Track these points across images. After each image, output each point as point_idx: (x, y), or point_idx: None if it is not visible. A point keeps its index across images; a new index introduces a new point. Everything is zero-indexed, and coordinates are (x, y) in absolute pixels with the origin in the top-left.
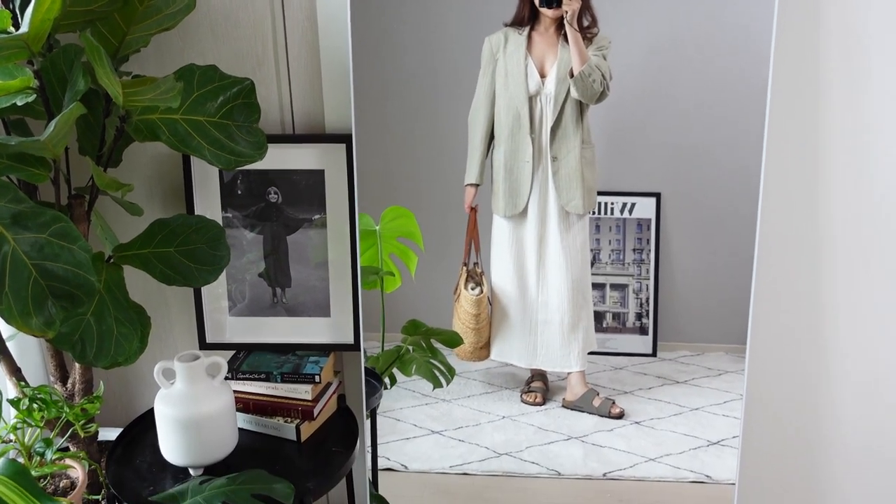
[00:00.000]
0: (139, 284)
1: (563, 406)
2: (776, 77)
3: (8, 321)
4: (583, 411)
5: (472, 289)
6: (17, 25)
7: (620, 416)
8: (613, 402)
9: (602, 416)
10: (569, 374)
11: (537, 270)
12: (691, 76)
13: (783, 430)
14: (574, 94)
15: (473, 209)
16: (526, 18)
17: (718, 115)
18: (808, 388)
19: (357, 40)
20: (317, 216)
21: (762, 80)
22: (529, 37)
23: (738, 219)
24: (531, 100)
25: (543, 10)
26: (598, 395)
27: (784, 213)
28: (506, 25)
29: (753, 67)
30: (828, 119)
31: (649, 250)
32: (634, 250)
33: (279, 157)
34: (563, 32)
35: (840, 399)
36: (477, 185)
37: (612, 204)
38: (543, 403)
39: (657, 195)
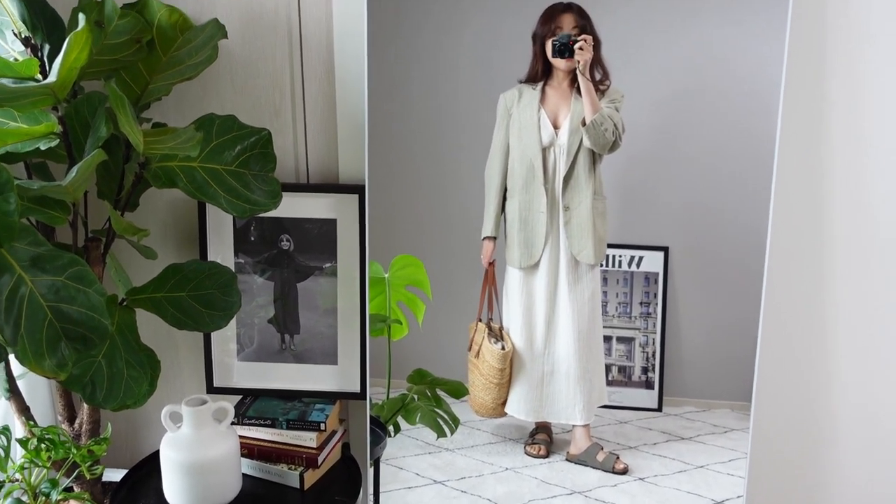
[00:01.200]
0: (150, 327)
1: (567, 460)
2: (783, 135)
3: (22, 362)
4: (586, 465)
5: (495, 342)
6: (44, 73)
7: (624, 471)
8: (618, 458)
9: (606, 471)
10: (573, 427)
11: (546, 321)
12: (701, 132)
13: (788, 490)
14: (586, 143)
15: (491, 263)
16: (539, 74)
17: (728, 171)
18: (814, 448)
19: (371, 91)
20: (328, 264)
21: (772, 138)
22: (543, 91)
23: (747, 275)
24: (544, 151)
25: (556, 61)
26: (602, 449)
27: (790, 272)
28: (520, 82)
29: (763, 125)
30: (833, 179)
31: (656, 304)
32: (642, 304)
33: (293, 206)
34: (576, 86)
35: (845, 459)
36: (494, 238)
37: (621, 257)
38: (547, 456)
39: (665, 249)
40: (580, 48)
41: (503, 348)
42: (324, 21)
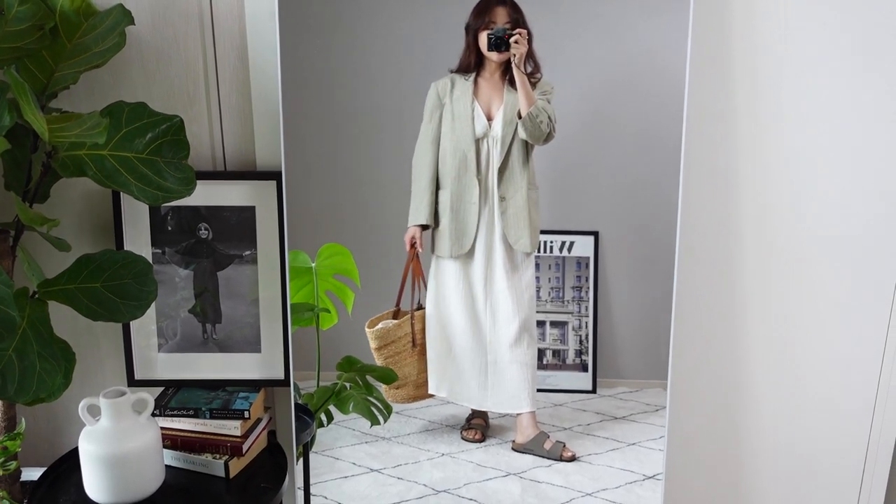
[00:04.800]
0: (68, 321)
1: (513, 449)
2: (689, 121)
3: None
4: (533, 454)
5: (416, 311)
6: None
7: (572, 459)
8: (564, 446)
9: (553, 459)
10: (518, 415)
11: (487, 310)
12: (627, 120)
13: (705, 461)
14: (522, 134)
15: (413, 246)
16: (472, 65)
17: (654, 157)
18: (728, 419)
19: (293, 79)
20: (247, 252)
21: None
22: (476, 82)
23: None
24: (478, 142)
25: (490, 54)
26: (548, 437)
27: (700, 252)
28: (451, 72)
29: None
30: (738, 160)
31: (588, 288)
32: (574, 288)
33: (210, 194)
34: (508, 77)
35: (758, 428)
36: (426, 227)
37: (552, 242)
38: (483, 440)
39: (595, 234)
40: (515, 42)
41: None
42: (235, 7)
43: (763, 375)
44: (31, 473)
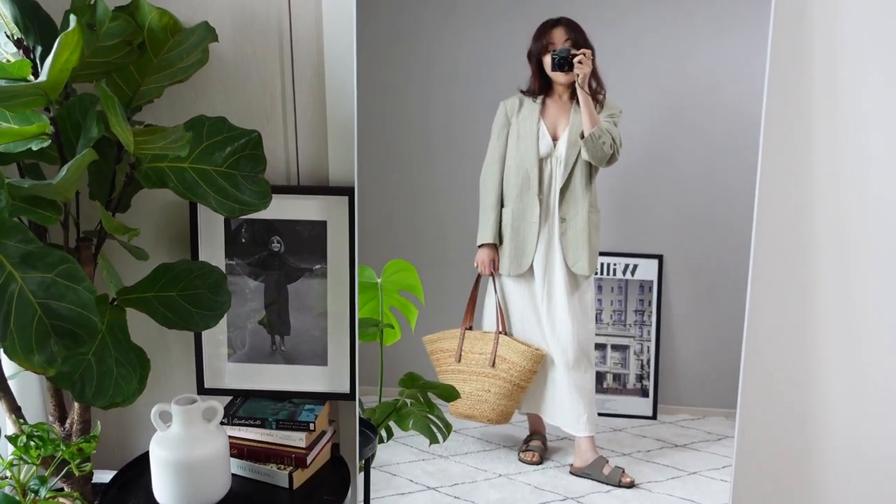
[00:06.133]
0: (142, 328)
1: (571, 473)
2: (766, 146)
3: (11, 357)
4: (591, 479)
5: (519, 345)
6: (36, 74)
7: (631, 485)
8: (623, 471)
9: (612, 485)
10: (576, 438)
11: (545, 330)
12: (694, 142)
13: (773, 494)
14: (584, 155)
15: (490, 270)
16: (539, 89)
17: (721, 179)
18: (798, 455)
19: (366, 96)
20: (318, 266)
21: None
22: (543, 103)
23: (741, 283)
24: (541, 162)
25: (555, 75)
26: (607, 462)
27: (773, 280)
28: (521, 92)
29: (755, 135)
30: (816, 188)
31: (651, 312)
32: (636, 311)
33: (283, 208)
34: (575, 99)
35: (829, 465)
36: (494, 245)
37: (615, 265)
38: (541, 462)
39: (660, 257)
40: (579, 62)
41: (538, 349)
42: (314, 25)
43: (838, 406)
44: (102, 476)
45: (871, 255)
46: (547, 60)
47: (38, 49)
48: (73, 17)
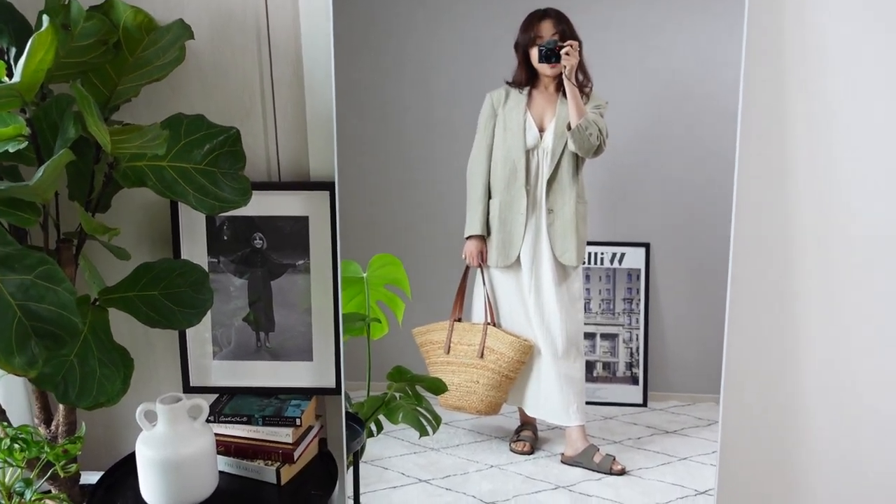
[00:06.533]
0: (126, 327)
1: (562, 462)
2: (743, 134)
3: None
4: (583, 467)
5: (506, 335)
6: (11, 76)
7: (622, 473)
8: (614, 459)
9: (603, 473)
10: (567, 428)
11: (533, 321)
12: (681, 132)
13: (757, 476)
14: (571, 147)
15: (478, 261)
16: (525, 80)
17: (707, 168)
18: (782, 436)
19: (346, 90)
20: (301, 261)
21: None
22: (530, 94)
23: (727, 269)
24: (528, 153)
25: (542, 67)
26: (598, 451)
27: (754, 265)
28: (507, 84)
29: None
30: (795, 176)
31: (639, 300)
32: (624, 300)
33: (264, 204)
34: (562, 90)
35: (813, 446)
36: (481, 237)
37: (602, 254)
38: (532, 452)
39: (647, 245)
40: (566, 53)
41: (526, 340)
42: (291, 21)
43: (819, 391)
44: (90, 477)
45: (849, 241)
46: (534, 52)
47: (13, 50)
48: (45, 18)
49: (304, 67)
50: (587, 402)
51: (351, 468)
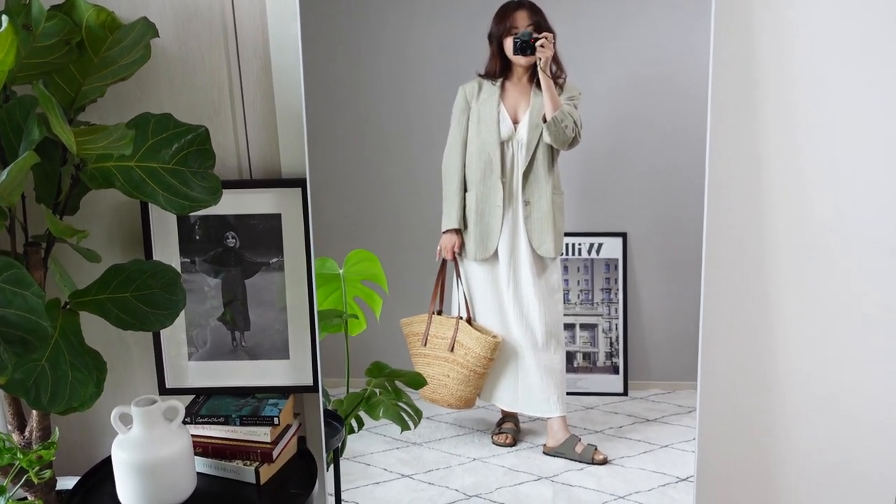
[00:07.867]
0: (100, 330)
1: (545, 453)
2: (714, 123)
3: None
4: (565, 458)
5: (477, 332)
6: None
7: (604, 462)
8: (596, 449)
9: (585, 462)
10: (548, 419)
11: (512, 314)
12: (655, 121)
13: (736, 463)
14: (546, 139)
15: (454, 255)
16: (498, 71)
17: (682, 157)
18: (758, 420)
19: (316, 86)
20: (274, 259)
21: None
22: (503, 86)
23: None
24: (503, 145)
25: (516, 59)
26: (580, 440)
27: (727, 253)
28: (479, 76)
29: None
30: (766, 163)
31: (617, 290)
32: (603, 290)
33: (236, 202)
34: (535, 81)
35: (789, 429)
36: (458, 231)
37: (580, 244)
38: (514, 444)
39: (624, 235)
40: (541, 45)
41: (494, 337)
42: (258, 17)
43: (793, 378)
44: (66, 482)
45: (821, 228)
46: (508, 43)
47: None
48: (5, 18)
49: (272, 62)
50: (568, 393)
51: (331, 465)
